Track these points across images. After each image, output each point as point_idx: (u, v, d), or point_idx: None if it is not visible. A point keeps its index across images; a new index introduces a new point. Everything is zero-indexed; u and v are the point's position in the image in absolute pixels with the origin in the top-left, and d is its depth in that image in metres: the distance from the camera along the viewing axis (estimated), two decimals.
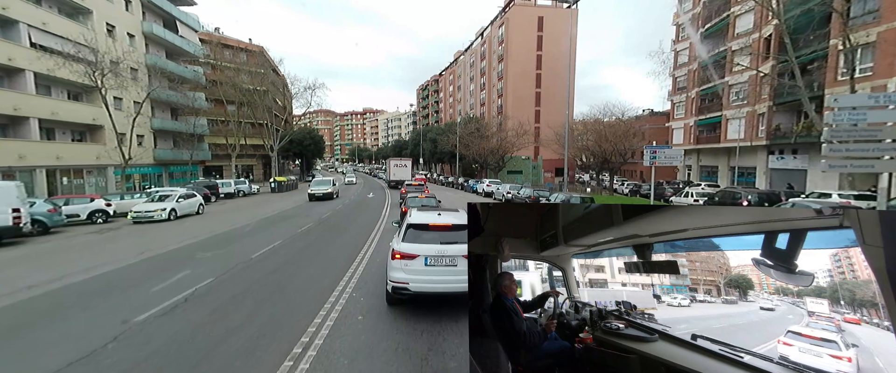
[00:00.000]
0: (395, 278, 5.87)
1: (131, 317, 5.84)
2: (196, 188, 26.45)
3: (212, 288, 7.37)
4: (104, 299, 6.83)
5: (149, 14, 35.45)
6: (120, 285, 7.76)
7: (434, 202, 18.26)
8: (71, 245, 12.50)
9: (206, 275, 8.26)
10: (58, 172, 25.32)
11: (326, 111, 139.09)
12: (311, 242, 11.95)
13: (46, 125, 25.34)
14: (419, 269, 5.81)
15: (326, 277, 8.17)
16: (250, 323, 5.68)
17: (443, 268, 5.78)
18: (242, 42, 54.73)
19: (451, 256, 5.75)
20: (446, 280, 5.69)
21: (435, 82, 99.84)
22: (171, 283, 7.75)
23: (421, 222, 6.27)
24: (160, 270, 8.75)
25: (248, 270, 8.72)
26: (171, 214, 18.17)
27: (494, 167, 46.83)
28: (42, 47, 23.79)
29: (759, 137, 28.03)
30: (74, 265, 9.38)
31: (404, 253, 5.88)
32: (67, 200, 17.65)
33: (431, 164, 76.01)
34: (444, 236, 5.95)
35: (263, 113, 44.38)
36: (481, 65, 69.67)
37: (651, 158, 13.44)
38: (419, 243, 5.95)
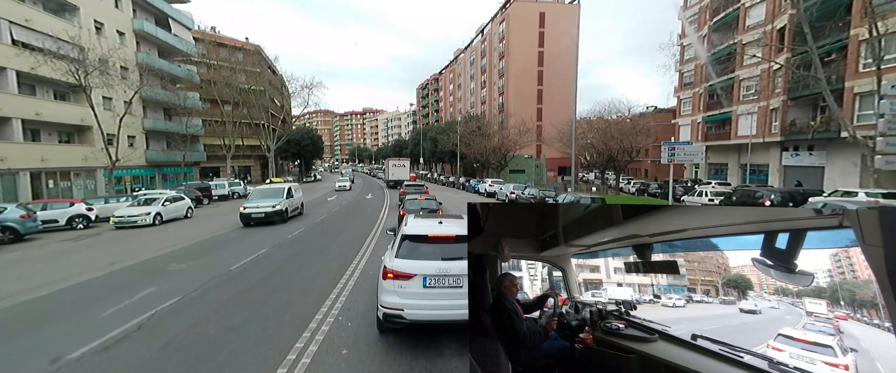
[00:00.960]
0: (388, 303, 4.80)
1: (64, 354, 4.80)
2: (187, 190, 25.45)
3: (174, 310, 6.33)
4: (44, 327, 5.79)
5: (140, 11, 34.46)
6: (72, 306, 6.73)
7: (435, 204, 17.07)
8: (40, 255, 11.48)
9: (173, 292, 7.22)
10: (43, 174, 24.33)
11: (326, 111, 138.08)
12: (299, 251, 10.91)
13: (31, 126, 24.37)
14: (416, 292, 4.75)
15: (311, 294, 7.12)
16: (208, 359, 4.63)
17: (445, 290, 4.72)
18: (238, 41, 53.76)
19: (455, 276, 4.68)
20: (449, 306, 4.62)
21: (435, 81, 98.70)
22: (131, 303, 6.71)
23: (418, 233, 5.15)
24: (123, 287, 7.72)
25: (223, 285, 7.68)
26: (156, 218, 17.15)
27: (496, 166, 45.75)
28: (25, 45, 22.80)
29: (773, 132, 26.89)
30: (32, 280, 8.36)
31: (398, 272, 4.81)
32: (45, 204, 16.64)
33: (432, 163, 74.92)
34: (447, 250, 4.86)
35: (260, 113, 43.39)
36: (482, 62, 68.55)
37: (669, 156, 12.33)
38: (417, 260, 4.88)
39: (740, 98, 30.28)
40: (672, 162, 12.35)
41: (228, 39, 52.46)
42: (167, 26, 37.12)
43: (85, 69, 21.90)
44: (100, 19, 29.16)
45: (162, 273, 8.72)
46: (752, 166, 28.97)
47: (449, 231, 5.08)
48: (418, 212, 16.49)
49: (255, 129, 44.52)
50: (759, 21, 28.53)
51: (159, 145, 36.44)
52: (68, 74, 21.55)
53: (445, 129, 59.72)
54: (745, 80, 29.93)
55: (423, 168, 74.84)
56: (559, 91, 56.78)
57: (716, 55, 32.35)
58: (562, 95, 56.37)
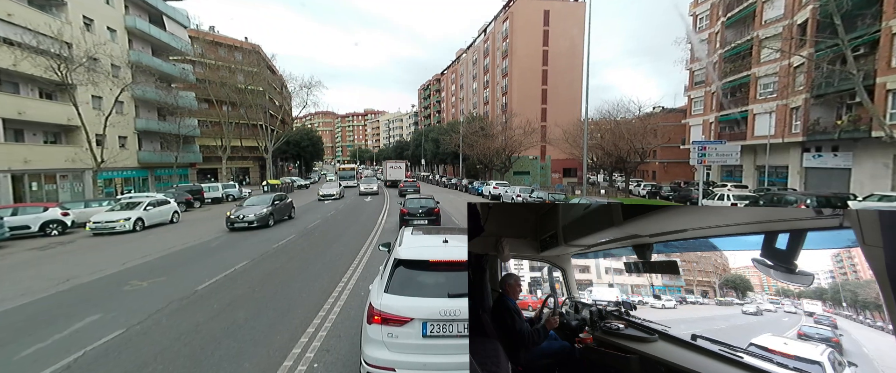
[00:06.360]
0: (374, 360, 3.46)
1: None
2: (177, 193, 24.27)
3: (108, 351, 5.05)
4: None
5: (133, 8, 33.34)
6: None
7: (433, 203, 15.84)
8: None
9: (116, 323, 5.95)
10: (26, 176, 23.18)
11: (327, 113, 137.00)
12: (281, 266, 9.61)
13: (14, 126, 23.25)
14: (413, 343, 3.41)
15: (286, 324, 5.84)
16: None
17: (452, 341, 3.38)
18: (236, 40, 52.72)
19: (465, 321, 3.32)
20: (459, 366, 3.24)
21: (437, 82, 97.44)
22: (60, 338, 5.44)
23: (416, 258, 3.77)
24: (62, 314, 6.45)
25: (180, 313, 6.39)
26: (136, 224, 15.93)
27: (500, 168, 44.40)
28: (6, 41, 21.68)
29: (794, 132, 25.46)
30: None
31: (388, 314, 3.46)
32: (16, 209, 15.42)
33: (433, 165, 73.55)
34: (456, 283, 3.47)
35: (258, 113, 42.22)
36: (485, 62, 67.27)
37: (700, 156, 10.94)
38: (414, 296, 3.52)
39: (757, 96, 28.86)
40: (703, 163, 10.96)
41: (226, 38, 51.42)
42: (161, 24, 35.98)
43: (67, 65, 20.72)
44: (89, 15, 28.03)
45: (115, 295, 7.44)
46: (770, 168, 27.52)
47: (458, 255, 3.58)
48: (418, 212, 15.48)
49: (253, 129, 43.37)
50: (777, 16, 27.13)
51: (152, 146, 35.30)
52: (50, 71, 20.38)
53: (448, 129, 58.44)
54: (762, 78, 28.50)
55: (425, 170, 73.55)
56: (564, 91, 55.45)
57: (730, 52, 30.95)
58: (567, 95, 55.06)
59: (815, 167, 25.03)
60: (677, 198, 28.49)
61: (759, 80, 28.68)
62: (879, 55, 19.48)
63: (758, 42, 27.84)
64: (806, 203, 13.95)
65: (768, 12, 27.95)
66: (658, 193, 31.65)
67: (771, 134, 26.35)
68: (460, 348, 3.28)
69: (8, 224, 14.00)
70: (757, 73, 28.58)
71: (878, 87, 19.42)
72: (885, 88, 19.16)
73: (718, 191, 21.51)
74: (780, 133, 26.40)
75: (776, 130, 26.59)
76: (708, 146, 11.45)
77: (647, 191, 34.14)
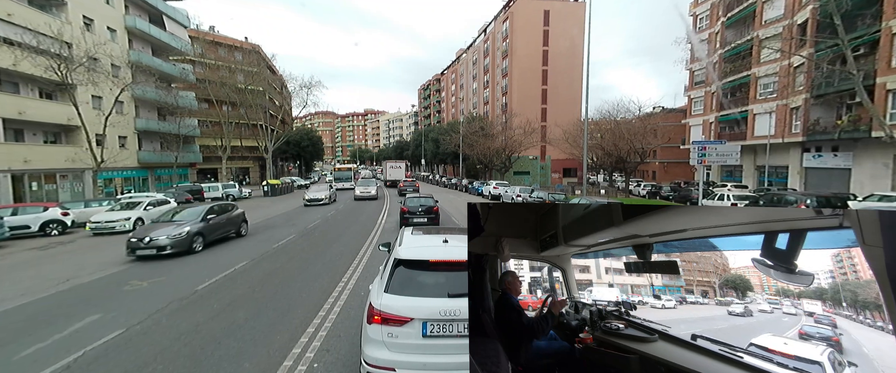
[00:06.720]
0: (374, 360, 3.48)
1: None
2: (177, 193, 24.29)
3: (108, 350, 5.05)
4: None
5: (133, 8, 33.34)
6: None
7: (432, 202, 16.03)
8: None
9: (117, 322, 5.95)
10: (26, 176, 23.19)
11: (327, 113, 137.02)
12: (281, 266, 9.61)
13: (14, 126, 23.26)
14: (413, 343, 3.44)
15: (286, 324, 5.84)
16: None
17: (453, 341, 3.40)
18: (236, 40, 52.72)
19: (465, 321, 3.35)
20: (459, 366, 3.25)
21: (436, 82, 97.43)
22: (60, 338, 5.44)
23: (416, 258, 3.81)
24: (63, 314, 6.45)
25: (180, 313, 6.40)
26: (136, 224, 15.91)
27: (500, 168, 44.40)
28: (6, 41, 21.68)
29: (794, 132, 25.46)
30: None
31: (388, 314, 3.48)
32: (16, 209, 15.42)
33: (434, 165, 73.55)
34: (456, 283, 3.51)
35: (258, 113, 42.21)
36: (485, 62, 67.29)
37: (700, 156, 10.95)
38: (414, 296, 3.54)
39: (757, 96, 28.86)
40: (703, 163, 10.97)
41: (226, 38, 51.42)
42: (161, 24, 35.98)
43: (67, 65, 20.72)
44: (89, 15, 28.03)
45: (115, 295, 7.45)
46: (770, 168, 27.52)
47: (458, 255, 3.61)
48: (418, 211, 15.58)
49: (253, 129, 43.38)
50: (777, 16, 27.13)
51: (152, 146, 35.31)
52: (50, 71, 20.38)
53: (448, 129, 58.46)
54: (762, 78, 28.50)
55: (425, 170, 73.58)
56: (564, 91, 55.47)
57: (730, 52, 30.95)
58: (567, 95, 55.07)
59: (815, 167, 25.04)
60: (677, 198, 28.50)
61: (759, 80, 28.69)
62: (879, 55, 19.48)
63: (758, 42, 27.85)
64: (806, 203, 13.96)
65: (768, 12, 27.95)
66: (658, 193, 31.64)
67: (771, 134, 26.36)
68: (460, 348, 3.30)
69: (8, 224, 14.00)
70: (757, 74, 28.58)
71: (878, 87, 19.42)
72: (885, 88, 19.16)
73: (718, 191, 21.51)
74: (780, 133, 26.40)
75: (776, 130, 26.59)
76: (708, 146, 11.45)
77: (647, 191, 34.14)
